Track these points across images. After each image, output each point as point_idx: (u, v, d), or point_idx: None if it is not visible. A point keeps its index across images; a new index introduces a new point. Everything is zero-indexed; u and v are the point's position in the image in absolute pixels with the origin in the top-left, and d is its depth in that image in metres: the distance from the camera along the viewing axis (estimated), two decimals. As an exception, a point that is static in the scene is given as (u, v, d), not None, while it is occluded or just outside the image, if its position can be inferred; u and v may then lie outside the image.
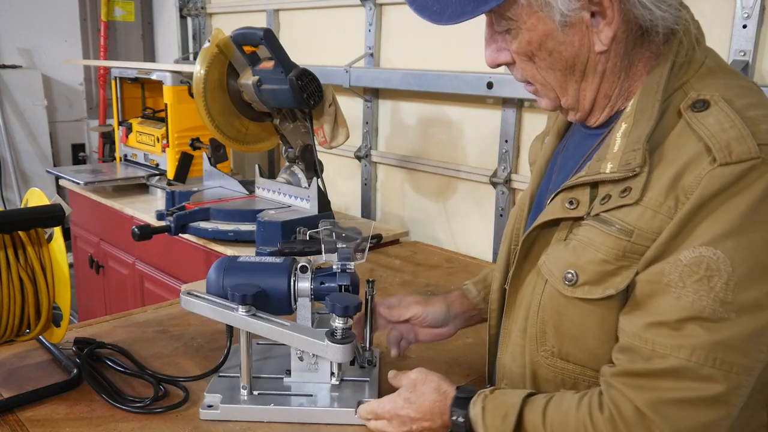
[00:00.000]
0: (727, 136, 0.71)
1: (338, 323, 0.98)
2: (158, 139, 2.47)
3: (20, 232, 1.06)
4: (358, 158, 2.33)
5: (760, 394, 0.78)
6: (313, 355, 1.06)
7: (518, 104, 1.84)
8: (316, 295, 1.08)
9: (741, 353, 0.70)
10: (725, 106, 0.74)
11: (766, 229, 0.70)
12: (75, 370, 1.10)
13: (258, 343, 1.20)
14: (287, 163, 2.04)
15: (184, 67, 2.40)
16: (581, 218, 0.82)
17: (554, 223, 0.86)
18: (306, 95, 1.80)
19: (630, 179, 0.76)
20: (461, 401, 0.88)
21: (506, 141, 1.88)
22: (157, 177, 2.48)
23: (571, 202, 0.83)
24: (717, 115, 0.73)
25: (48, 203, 1.10)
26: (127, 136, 2.68)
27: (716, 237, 0.70)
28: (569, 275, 0.80)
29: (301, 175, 1.99)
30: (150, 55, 3.68)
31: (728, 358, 0.70)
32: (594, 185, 0.81)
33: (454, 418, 0.87)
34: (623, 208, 0.76)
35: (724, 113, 0.73)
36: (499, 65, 0.87)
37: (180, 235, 1.92)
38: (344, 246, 1.11)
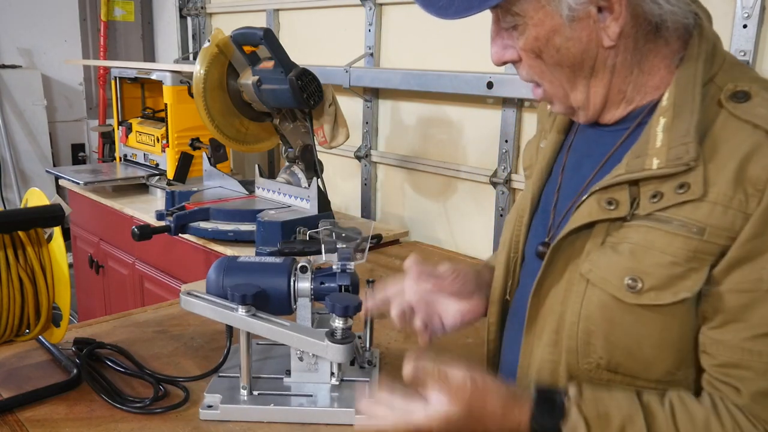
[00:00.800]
0: None
1: (338, 323, 0.98)
2: (158, 139, 2.47)
3: (20, 232, 1.06)
4: (358, 158, 2.33)
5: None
6: (313, 355, 1.06)
7: (518, 104, 1.84)
8: (316, 295, 1.08)
9: None
10: (767, 95, 0.72)
11: None
12: (75, 370, 1.10)
13: (258, 343, 1.19)
14: (287, 163, 2.04)
15: (184, 67, 2.40)
16: (621, 219, 0.77)
17: (587, 226, 0.80)
18: (306, 95, 1.80)
19: (682, 174, 0.73)
20: (543, 405, 0.77)
21: (506, 141, 1.88)
22: (157, 177, 2.48)
23: (610, 203, 0.78)
24: (764, 104, 0.71)
25: (48, 203, 1.10)
26: (126, 136, 2.68)
27: None
28: (631, 282, 0.74)
29: (301, 175, 1.99)
30: (150, 55, 3.68)
31: None
32: (633, 184, 0.77)
33: (533, 425, 0.76)
34: (685, 204, 0.72)
35: None
36: (505, 63, 0.84)
37: (180, 235, 1.92)
38: (344, 246, 1.11)
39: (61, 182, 2.71)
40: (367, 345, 1.15)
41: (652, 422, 0.73)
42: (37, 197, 1.13)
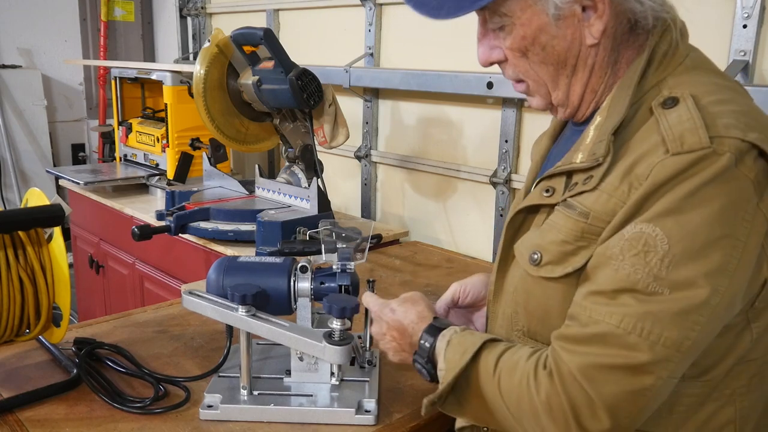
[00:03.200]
0: (681, 128, 0.74)
1: (336, 325, 0.98)
2: (158, 139, 2.47)
3: (20, 232, 1.06)
4: (358, 158, 2.33)
5: (724, 387, 0.80)
6: (313, 355, 1.06)
7: (518, 104, 1.84)
8: (316, 295, 1.08)
9: (670, 327, 0.72)
10: (691, 102, 0.76)
11: (704, 211, 0.72)
12: (75, 371, 1.10)
13: (258, 343, 1.20)
14: (287, 163, 2.04)
15: (184, 67, 2.40)
16: (555, 205, 0.85)
17: (535, 209, 0.90)
18: (306, 95, 1.80)
19: (595, 168, 0.80)
20: (434, 329, 0.92)
21: (506, 141, 1.88)
22: (157, 177, 2.48)
23: (547, 190, 0.87)
24: (680, 110, 0.76)
25: (48, 203, 1.10)
26: (127, 136, 2.68)
27: (657, 215, 0.73)
28: (534, 256, 0.84)
29: (301, 175, 1.99)
30: (150, 55, 3.68)
31: (656, 329, 0.72)
32: (569, 174, 0.85)
33: (422, 342, 0.91)
34: (584, 193, 0.81)
35: (687, 109, 0.76)
36: (491, 64, 0.89)
37: (180, 235, 1.92)
38: (344, 246, 1.11)
39: (61, 182, 2.71)
40: (367, 345, 1.15)
41: (483, 349, 0.84)
42: (37, 197, 1.13)
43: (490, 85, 1.79)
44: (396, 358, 0.98)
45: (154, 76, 2.41)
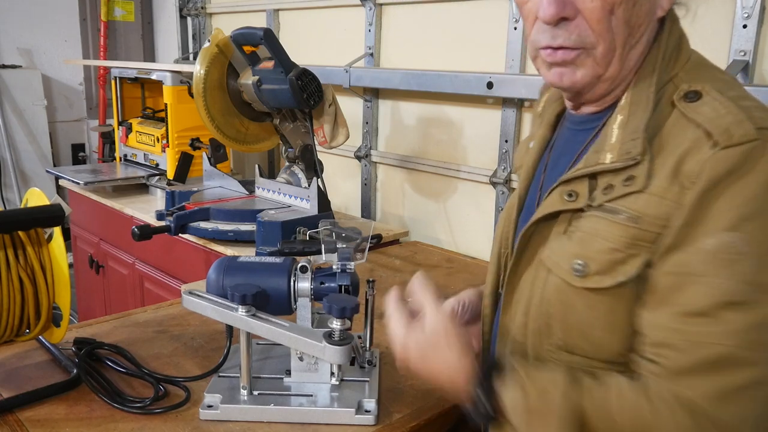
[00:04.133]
0: (725, 122, 0.72)
1: (336, 325, 0.98)
2: (158, 139, 2.47)
3: (20, 232, 1.06)
4: (358, 158, 2.33)
5: None
6: (313, 355, 1.06)
7: (518, 104, 1.84)
8: (316, 295, 1.08)
9: None
10: (718, 95, 0.75)
11: None
12: (75, 371, 1.10)
13: (258, 343, 1.20)
14: (287, 163, 2.04)
15: (184, 67, 2.40)
16: (581, 210, 0.82)
17: (552, 217, 0.85)
18: (306, 95, 1.80)
19: (631, 168, 0.77)
20: (489, 385, 0.82)
21: (506, 141, 1.88)
22: (157, 177, 2.48)
23: (570, 195, 0.82)
24: (711, 103, 0.75)
25: (48, 203, 1.10)
26: (127, 136, 2.68)
27: (735, 221, 0.70)
28: (577, 266, 0.79)
29: (301, 175, 1.99)
30: (150, 55, 3.68)
31: (766, 338, 0.70)
32: (592, 177, 0.81)
33: (478, 394, 0.82)
34: (629, 196, 0.77)
35: (718, 102, 0.74)
36: (560, 20, 0.78)
37: (180, 235, 1.92)
38: (344, 246, 1.11)
39: (61, 182, 2.71)
40: (367, 345, 1.15)
41: (583, 390, 0.76)
42: (37, 197, 1.13)
43: (490, 85, 1.79)
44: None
45: (154, 76, 2.41)
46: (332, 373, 1.08)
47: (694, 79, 0.79)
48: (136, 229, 1.79)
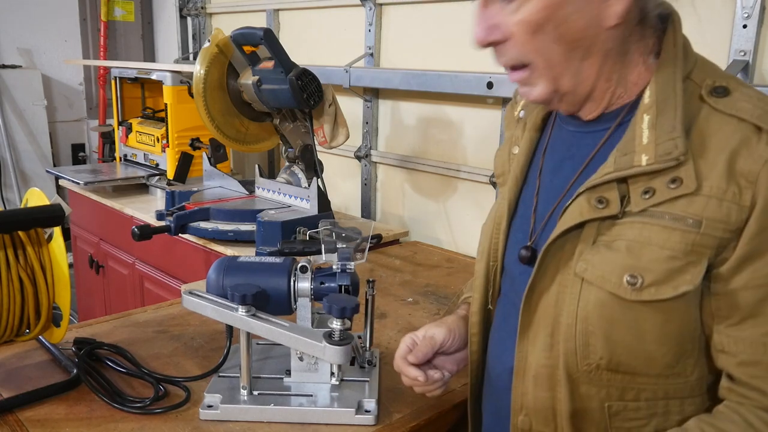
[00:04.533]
0: None
1: (336, 325, 0.98)
2: (158, 139, 2.47)
3: (20, 232, 1.06)
4: (358, 158, 2.33)
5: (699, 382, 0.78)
6: (313, 355, 1.06)
7: (518, 104, 1.83)
8: (316, 295, 1.08)
9: None
10: (747, 90, 0.73)
11: None
12: (75, 371, 1.10)
13: (258, 343, 1.20)
14: (287, 163, 2.04)
15: (184, 67, 2.40)
16: (613, 217, 0.77)
17: (576, 227, 0.79)
18: (306, 95, 1.80)
19: (673, 169, 0.73)
20: None
21: (506, 141, 1.88)
22: (157, 177, 2.48)
23: (600, 201, 0.77)
24: (747, 99, 0.72)
25: (48, 203, 1.10)
26: (127, 136, 2.68)
27: None
28: (631, 278, 0.74)
29: (301, 175, 1.99)
30: (150, 55, 3.68)
31: None
32: (621, 182, 0.77)
33: None
34: (680, 199, 0.72)
35: (755, 96, 0.72)
36: (489, 44, 0.79)
37: (180, 235, 1.92)
38: (344, 246, 1.11)
39: (61, 182, 2.71)
40: (367, 345, 1.15)
41: None
42: (37, 197, 1.13)
43: (490, 85, 1.79)
44: None
45: (154, 76, 2.41)
46: (332, 373, 1.08)
47: (712, 76, 0.76)
48: (136, 229, 1.79)
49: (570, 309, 0.78)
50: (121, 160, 2.74)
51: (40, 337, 1.17)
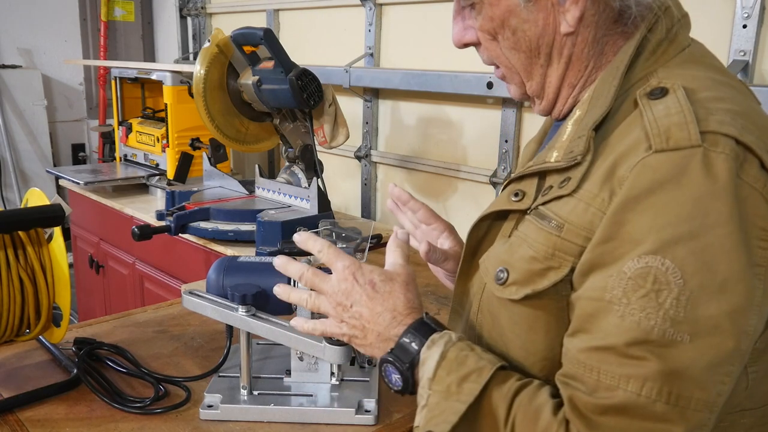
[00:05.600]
0: (668, 122, 0.63)
1: (338, 323, 0.98)
2: (158, 139, 2.47)
3: (20, 232, 1.06)
4: (358, 158, 2.33)
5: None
6: (313, 355, 1.06)
7: (518, 104, 1.83)
8: (316, 295, 1.07)
9: (699, 385, 0.59)
10: (682, 94, 0.65)
11: (720, 232, 0.59)
12: (75, 371, 1.10)
13: (258, 343, 1.20)
14: (287, 163, 2.04)
15: (184, 67, 2.40)
16: (525, 211, 0.74)
17: (503, 216, 0.78)
18: (306, 95, 1.80)
19: (571, 169, 0.69)
20: (424, 328, 0.75)
21: (506, 141, 1.88)
22: (157, 177, 2.48)
23: (516, 194, 0.75)
24: (669, 102, 0.65)
25: (48, 203, 1.10)
26: (127, 136, 2.68)
27: (664, 243, 0.60)
28: (501, 273, 0.72)
29: (301, 175, 1.99)
30: (150, 55, 3.68)
31: (685, 392, 0.58)
32: (542, 176, 0.74)
33: (403, 339, 0.75)
34: (560, 199, 0.69)
35: (677, 100, 0.64)
36: (465, 45, 0.84)
37: (180, 235, 1.92)
38: (344, 246, 1.11)
39: (61, 182, 2.71)
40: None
41: (493, 382, 0.68)
42: (37, 197, 1.13)
43: (490, 85, 1.79)
44: (359, 346, 0.82)
45: (154, 76, 2.41)
46: (332, 373, 1.08)
47: (670, 76, 0.70)
48: (136, 229, 1.79)
49: (476, 299, 0.79)
50: (121, 160, 2.74)
51: (40, 337, 1.17)
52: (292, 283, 1.07)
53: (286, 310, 1.08)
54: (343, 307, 0.81)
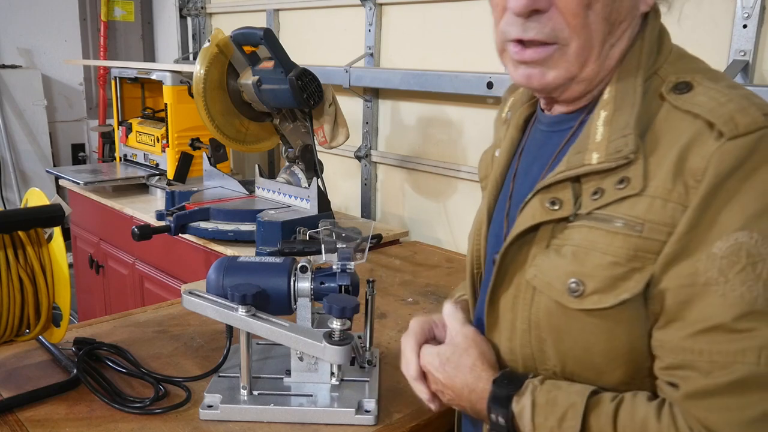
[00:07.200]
0: (727, 110, 0.65)
1: (336, 325, 0.98)
2: (158, 139, 2.47)
3: (20, 232, 1.06)
4: (358, 158, 2.33)
5: None
6: (313, 355, 1.06)
7: (518, 104, 1.83)
8: (316, 296, 1.08)
9: None
10: (711, 84, 0.68)
11: None
12: (74, 371, 1.10)
13: (258, 343, 1.20)
14: (287, 163, 2.04)
15: (184, 67, 2.40)
16: (566, 219, 0.73)
17: (531, 229, 0.76)
18: (306, 95, 1.80)
19: (623, 168, 0.69)
20: (501, 400, 0.74)
21: (506, 141, 1.88)
22: (157, 177, 2.48)
23: (553, 202, 0.74)
24: (706, 93, 0.68)
25: (48, 203, 1.10)
26: (126, 136, 2.68)
27: (749, 219, 0.63)
28: (574, 285, 0.70)
29: (301, 175, 1.99)
30: (150, 55, 3.68)
31: None
32: (575, 181, 0.73)
33: (493, 417, 0.75)
34: (625, 200, 0.68)
35: (714, 90, 0.68)
36: (532, 12, 0.71)
37: (180, 235, 1.92)
38: (344, 246, 1.11)
39: (61, 182, 2.71)
40: (367, 345, 1.15)
41: (590, 412, 0.69)
42: (37, 197, 1.13)
43: (490, 85, 1.79)
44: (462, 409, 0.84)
45: (154, 76, 2.41)
46: (332, 373, 1.08)
47: (680, 71, 0.72)
48: (136, 229, 1.79)
49: (523, 315, 0.76)
50: (121, 160, 2.74)
51: (40, 337, 1.17)
52: (291, 281, 1.07)
53: (286, 310, 1.08)
54: (434, 381, 0.84)
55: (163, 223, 1.90)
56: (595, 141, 0.72)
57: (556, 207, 0.73)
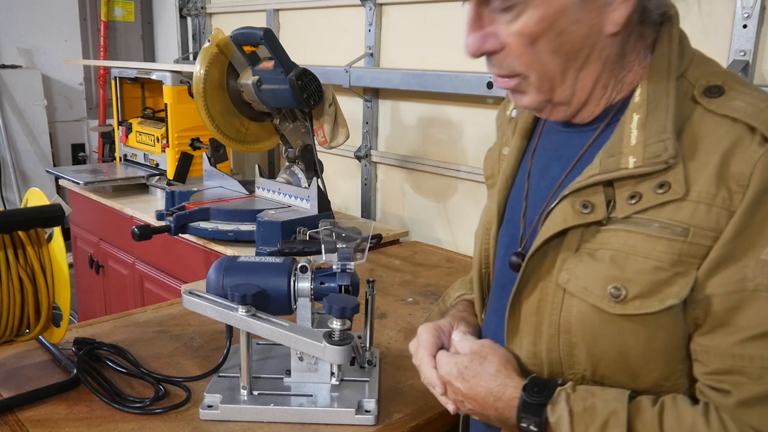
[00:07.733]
0: (767, 115, 0.66)
1: (336, 325, 0.98)
2: (158, 139, 2.47)
3: (20, 232, 1.06)
4: (358, 158, 2.33)
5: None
6: (313, 355, 1.06)
7: (518, 104, 1.83)
8: (316, 296, 1.08)
9: None
10: (744, 88, 0.69)
11: None
12: (74, 371, 1.10)
13: (258, 343, 1.20)
14: (287, 163, 2.04)
15: (184, 67, 2.40)
16: (597, 223, 0.73)
17: (559, 233, 0.75)
18: (306, 95, 1.80)
19: (661, 173, 0.68)
20: (532, 407, 0.73)
21: (506, 141, 1.88)
22: (157, 177, 2.48)
23: (585, 206, 0.73)
24: (741, 97, 0.68)
25: (48, 203, 1.10)
26: (126, 136, 2.68)
27: None
28: (614, 291, 0.70)
29: (301, 175, 1.99)
30: (150, 55, 3.68)
31: None
32: (607, 185, 0.73)
33: (524, 425, 0.74)
34: (667, 205, 0.68)
35: (749, 95, 0.68)
36: (482, 54, 0.74)
37: (180, 235, 1.92)
38: (344, 246, 1.11)
39: (61, 182, 2.71)
40: (367, 345, 1.15)
41: (635, 418, 0.69)
42: (37, 197, 1.13)
43: (490, 85, 1.79)
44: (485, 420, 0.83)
45: (154, 76, 2.41)
46: (332, 373, 1.08)
47: (708, 74, 0.72)
48: (136, 229, 1.79)
49: (552, 319, 0.75)
50: (121, 160, 2.74)
51: (40, 337, 1.17)
52: (291, 281, 1.07)
53: (286, 310, 1.08)
54: (455, 391, 0.83)
55: (163, 223, 1.90)
56: (629, 145, 0.71)
57: (588, 210, 0.73)
